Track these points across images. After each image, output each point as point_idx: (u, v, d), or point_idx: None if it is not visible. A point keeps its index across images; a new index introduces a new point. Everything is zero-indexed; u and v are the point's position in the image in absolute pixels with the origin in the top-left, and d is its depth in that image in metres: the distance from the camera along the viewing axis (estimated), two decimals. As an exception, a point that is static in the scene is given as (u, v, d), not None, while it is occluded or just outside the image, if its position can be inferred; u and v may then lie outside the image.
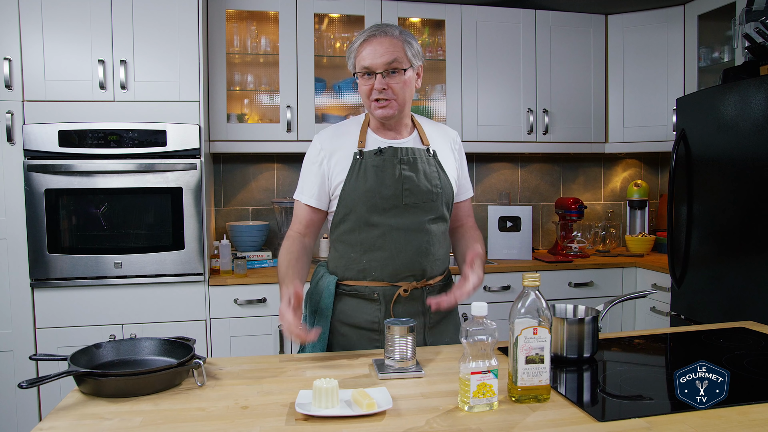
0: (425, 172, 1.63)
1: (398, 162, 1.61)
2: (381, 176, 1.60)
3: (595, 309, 1.54)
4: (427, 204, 1.63)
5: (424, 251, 1.62)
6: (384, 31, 1.58)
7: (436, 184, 1.64)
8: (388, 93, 1.58)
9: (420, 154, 1.65)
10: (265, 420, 1.13)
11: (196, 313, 2.78)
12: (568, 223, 3.50)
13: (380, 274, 1.62)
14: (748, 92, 2.44)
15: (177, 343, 1.44)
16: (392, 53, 1.56)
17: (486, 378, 1.14)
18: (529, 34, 3.40)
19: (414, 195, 1.61)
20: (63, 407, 1.19)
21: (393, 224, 1.60)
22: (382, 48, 1.56)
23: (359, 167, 1.61)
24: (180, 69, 2.74)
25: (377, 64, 1.56)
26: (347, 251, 1.65)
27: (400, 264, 1.61)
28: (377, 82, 1.57)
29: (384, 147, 1.63)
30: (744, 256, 2.47)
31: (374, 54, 1.56)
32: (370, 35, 1.58)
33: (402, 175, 1.60)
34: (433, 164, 1.67)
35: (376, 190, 1.59)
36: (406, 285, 1.62)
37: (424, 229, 1.62)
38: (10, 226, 2.63)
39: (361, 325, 1.64)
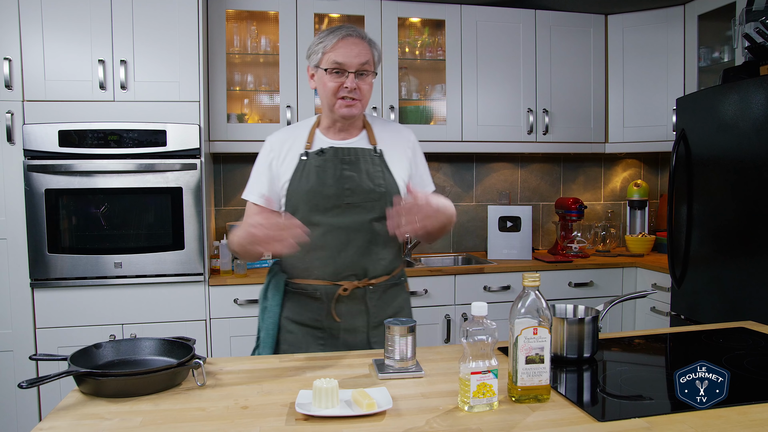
0: (368, 172, 1.65)
1: (339, 162, 1.64)
2: (322, 176, 1.63)
3: (595, 309, 1.54)
4: (370, 203, 1.64)
5: (365, 250, 1.64)
6: (359, 34, 1.63)
7: (379, 183, 1.65)
8: (357, 93, 1.61)
9: (364, 154, 1.67)
10: (265, 420, 1.13)
11: (196, 313, 2.78)
12: (568, 223, 3.50)
13: (322, 272, 1.64)
14: (748, 92, 2.44)
15: (177, 343, 1.44)
16: (365, 55, 1.61)
17: (486, 378, 1.14)
18: (529, 34, 3.40)
19: (356, 194, 1.63)
20: (63, 407, 1.19)
21: (335, 223, 1.63)
22: (357, 49, 1.60)
23: (303, 168, 1.65)
24: (180, 69, 2.74)
25: (352, 63, 1.59)
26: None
27: (341, 263, 1.63)
28: (349, 81, 1.59)
29: (326, 147, 1.66)
30: (744, 256, 2.47)
31: (350, 53, 1.59)
32: (347, 34, 1.60)
33: (343, 174, 1.63)
34: (378, 164, 1.68)
35: (318, 190, 1.62)
36: (347, 284, 1.63)
37: (366, 228, 1.64)
38: (10, 226, 2.63)
39: (307, 323, 1.67)
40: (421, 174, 1.79)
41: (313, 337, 1.67)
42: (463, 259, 3.55)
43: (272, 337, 1.68)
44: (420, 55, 3.41)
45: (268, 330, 1.69)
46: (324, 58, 1.61)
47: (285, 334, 1.69)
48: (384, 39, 3.21)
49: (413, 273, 3.00)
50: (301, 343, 1.67)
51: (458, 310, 3.06)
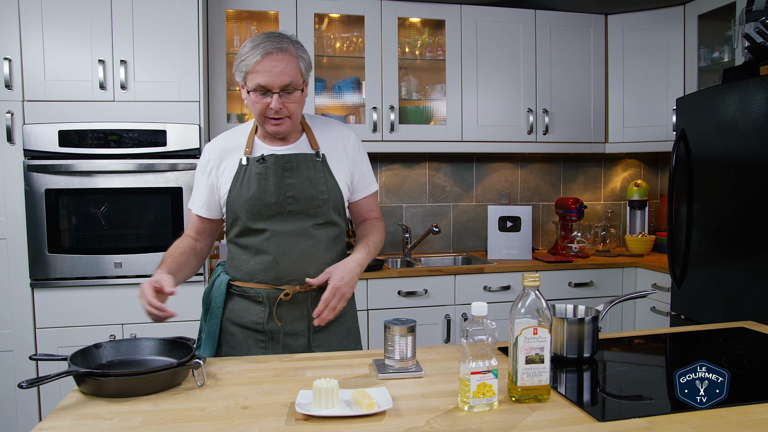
0: (310, 178, 1.63)
1: (281, 169, 1.61)
2: (263, 184, 1.60)
3: (595, 309, 1.54)
4: (313, 210, 1.63)
5: (307, 255, 1.62)
6: (280, 47, 1.52)
7: (322, 189, 1.63)
8: (284, 112, 1.56)
9: (305, 160, 1.64)
10: (265, 420, 1.13)
11: (196, 313, 2.76)
12: (568, 223, 3.50)
13: (265, 276, 1.63)
14: (748, 92, 2.44)
15: (177, 343, 1.44)
16: (289, 74, 1.52)
17: (486, 378, 1.14)
18: (529, 34, 3.40)
19: (298, 202, 1.61)
20: (63, 407, 1.19)
21: (277, 229, 1.61)
22: (279, 67, 1.51)
23: (243, 175, 1.62)
24: (180, 69, 2.74)
25: (274, 83, 1.52)
26: (239, 253, 1.67)
27: (284, 268, 1.62)
28: (274, 102, 1.53)
29: (267, 155, 1.62)
30: (744, 256, 2.47)
31: (271, 73, 1.51)
32: (267, 52, 1.50)
33: (285, 182, 1.60)
34: (320, 169, 1.65)
35: (259, 198, 1.60)
36: (289, 288, 1.62)
37: (308, 234, 1.63)
38: (10, 226, 2.63)
39: (248, 326, 1.66)
40: (363, 174, 1.75)
41: (254, 340, 1.66)
42: (463, 259, 3.55)
43: (214, 339, 1.69)
44: (420, 55, 3.41)
45: (210, 332, 1.69)
46: (247, 78, 1.55)
47: (226, 335, 1.69)
48: (384, 39, 3.21)
49: (413, 273, 3.00)
50: (242, 345, 1.67)
51: (458, 310, 3.06)
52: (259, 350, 1.65)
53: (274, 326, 1.64)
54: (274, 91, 1.53)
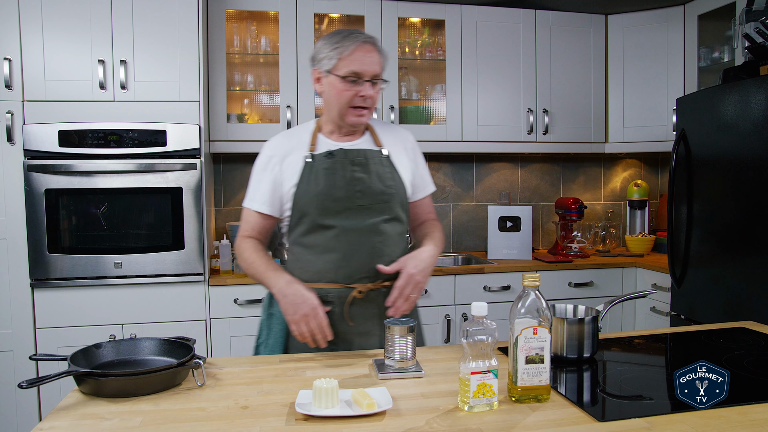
0: (378, 173, 1.63)
1: (349, 164, 1.61)
2: (332, 179, 1.59)
3: (595, 309, 1.54)
4: (381, 205, 1.62)
5: (378, 252, 1.60)
6: (373, 42, 1.60)
7: (389, 185, 1.64)
8: (369, 102, 1.60)
9: (372, 156, 1.65)
10: (265, 420, 1.13)
11: (196, 313, 2.78)
12: (568, 223, 3.50)
13: (335, 276, 1.60)
14: (748, 92, 2.44)
15: (177, 343, 1.44)
16: (379, 64, 1.60)
17: (486, 378, 1.14)
18: (529, 34, 3.40)
19: (367, 196, 1.60)
20: (63, 407, 1.19)
21: (346, 226, 1.59)
22: (373, 57, 1.58)
23: (310, 171, 1.61)
24: (180, 69, 2.74)
25: (368, 72, 1.57)
26: (303, 254, 1.64)
27: (354, 265, 1.60)
28: (365, 90, 1.57)
29: (334, 150, 1.63)
30: (744, 256, 2.47)
31: (364, 62, 1.56)
32: (364, 42, 1.57)
33: (353, 177, 1.60)
34: (387, 165, 1.66)
35: (328, 193, 1.58)
36: (361, 287, 1.59)
37: (377, 230, 1.61)
38: (10, 226, 2.63)
39: None
40: (422, 174, 1.78)
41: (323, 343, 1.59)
42: (463, 259, 3.55)
43: (281, 344, 1.64)
44: (420, 55, 3.41)
45: (277, 337, 1.64)
46: (340, 64, 1.56)
47: (294, 340, 1.61)
48: (384, 39, 3.21)
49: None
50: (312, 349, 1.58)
51: (458, 310, 3.06)
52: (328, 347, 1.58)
53: (345, 327, 1.60)
54: (366, 79, 1.57)
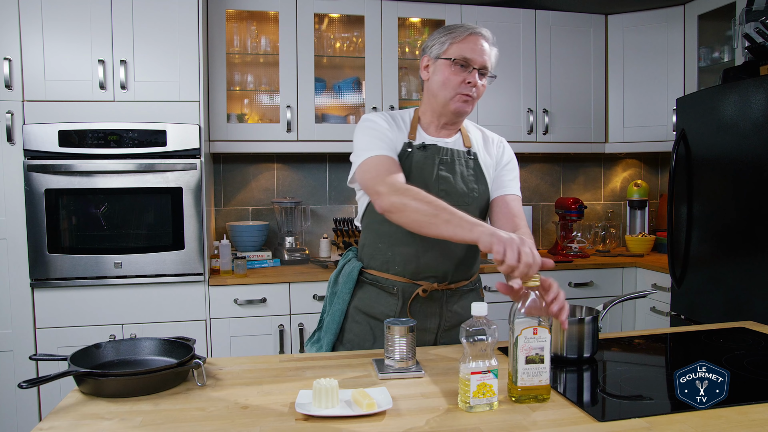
0: (462, 175, 1.62)
1: (438, 162, 1.60)
2: (420, 174, 1.58)
3: (595, 309, 1.54)
4: (461, 207, 1.47)
5: (449, 253, 1.59)
6: (487, 36, 1.60)
7: (472, 188, 1.62)
8: (475, 91, 1.59)
9: (459, 156, 1.63)
10: (265, 420, 1.13)
11: (196, 313, 2.78)
12: (568, 223, 3.50)
13: (403, 269, 1.59)
14: (748, 92, 2.44)
15: (177, 343, 1.44)
16: (489, 56, 1.60)
17: (486, 378, 1.14)
18: (529, 34, 3.40)
19: (449, 196, 1.55)
20: (63, 407, 1.19)
21: None
22: (485, 47, 1.58)
23: (405, 159, 1.58)
24: (180, 69, 2.74)
25: (479, 60, 1.57)
26: (375, 240, 1.63)
27: (424, 263, 1.59)
28: (472, 77, 1.57)
29: (429, 144, 1.61)
30: (744, 256, 2.47)
31: (479, 50, 1.57)
32: (477, 31, 1.58)
33: (439, 175, 1.59)
34: (472, 166, 1.64)
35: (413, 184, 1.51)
36: (427, 285, 1.59)
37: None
38: (10, 226, 2.63)
39: (376, 316, 1.62)
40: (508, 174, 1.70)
41: (380, 330, 1.60)
42: (463, 259, 3.54)
43: (338, 323, 1.64)
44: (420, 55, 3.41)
45: (334, 315, 1.64)
46: (451, 48, 1.57)
47: (351, 323, 1.64)
48: (384, 39, 3.21)
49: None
50: (367, 335, 1.62)
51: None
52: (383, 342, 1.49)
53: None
54: (475, 66, 1.57)
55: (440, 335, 1.66)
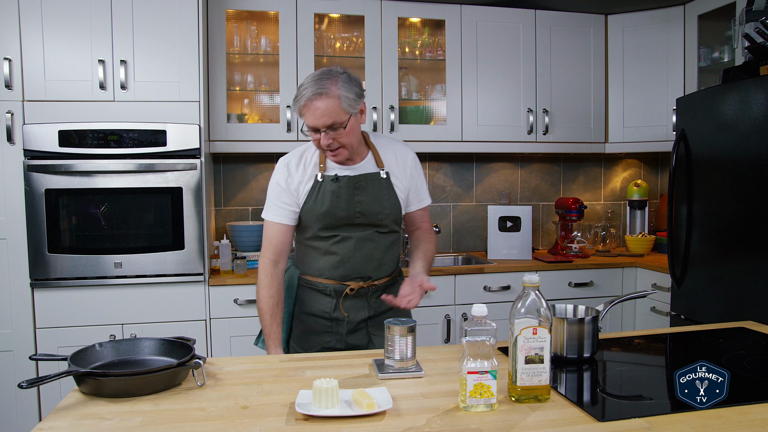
0: (376, 196, 1.83)
1: (352, 188, 1.80)
2: (336, 201, 1.79)
3: (595, 309, 1.54)
4: (377, 221, 1.84)
5: (370, 257, 1.85)
6: (320, 92, 1.66)
7: (385, 205, 1.84)
8: (334, 144, 1.72)
9: (372, 179, 1.83)
10: (265, 420, 1.13)
11: (196, 313, 2.78)
12: (568, 223, 3.50)
13: (332, 274, 1.85)
14: (748, 92, 2.44)
15: (177, 343, 1.45)
16: (330, 115, 1.67)
17: (483, 378, 1.14)
18: (529, 34, 3.40)
19: (365, 216, 1.82)
20: (63, 407, 1.19)
21: (345, 235, 1.82)
22: (320, 111, 1.66)
23: (318, 190, 1.80)
24: (180, 69, 2.74)
25: (319, 125, 1.68)
26: (308, 252, 1.89)
27: (349, 267, 1.84)
28: (323, 139, 1.70)
29: (341, 175, 1.80)
30: (744, 256, 2.47)
31: (314, 117, 1.67)
32: (308, 100, 1.66)
33: (355, 200, 1.80)
34: (385, 187, 1.84)
35: (331, 213, 1.79)
36: (354, 284, 1.85)
37: (371, 238, 1.85)
38: (10, 226, 2.63)
39: (317, 314, 1.88)
40: (418, 190, 1.95)
41: (322, 325, 1.88)
42: (463, 259, 3.55)
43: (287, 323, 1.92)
44: (420, 55, 3.41)
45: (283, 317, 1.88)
46: (301, 118, 1.72)
47: (297, 322, 1.92)
48: (384, 39, 3.21)
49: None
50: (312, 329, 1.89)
51: (458, 310, 3.06)
52: (326, 333, 1.87)
53: (339, 315, 1.86)
54: (322, 130, 1.69)
55: (371, 323, 1.90)
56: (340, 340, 1.86)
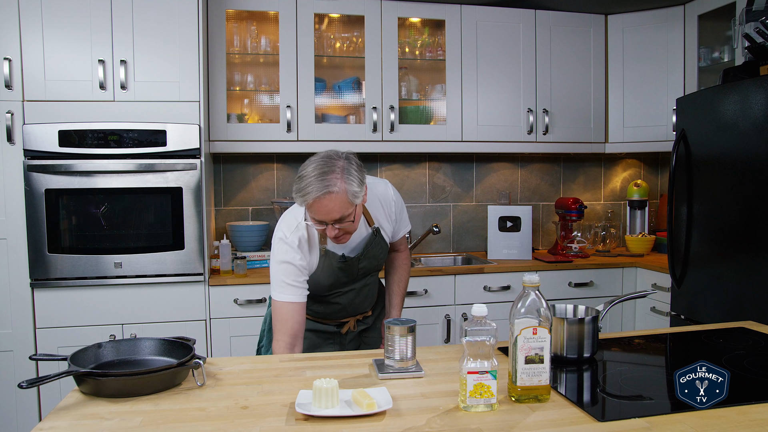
0: (375, 255, 1.90)
1: (357, 260, 1.86)
2: (345, 272, 1.86)
3: (595, 309, 1.54)
4: (374, 270, 1.96)
5: (366, 298, 1.99)
6: (327, 190, 1.60)
7: (381, 257, 1.93)
8: (339, 233, 1.71)
9: (370, 242, 1.88)
10: (265, 420, 1.13)
11: (196, 313, 2.78)
12: (568, 223, 3.50)
13: (333, 317, 1.97)
14: (748, 92, 2.44)
15: (177, 343, 1.45)
16: (339, 210, 1.64)
17: (483, 378, 1.14)
18: (529, 34, 3.40)
19: (367, 272, 1.93)
20: (63, 407, 1.19)
21: (346, 290, 1.92)
22: (329, 207, 1.63)
23: (324, 263, 1.83)
24: (180, 69, 2.74)
25: (327, 220, 1.67)
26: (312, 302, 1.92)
27: (350, 311, 1.97)
28: (330, 231, 1.69)
29: (348, 257, 1.84)
30: (744, 256, 2.47)
31: (323, 212, 1.64)
32: (317, 198, 1.60)
33: (359, 266, 1.88)
34: (378, 242, 1.90)
35: (338, 280, 1.87)
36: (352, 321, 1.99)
37: (368, 283, 1.97)
38: (10, 226, 2.63)
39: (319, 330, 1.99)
40: (400, 223, 2.01)
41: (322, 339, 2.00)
42: (463, 259, 3.55)
43: None
44: (420, 55, 3.41)
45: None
46: (307, 211, 1.69)
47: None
48: (384, 39, 3.21)
49: (413, 273, 3.00)
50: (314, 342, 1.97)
51: (458, 310, 3.06)
52: (329, 344, 1.99)
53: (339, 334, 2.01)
54: (329, 223, 1.68)
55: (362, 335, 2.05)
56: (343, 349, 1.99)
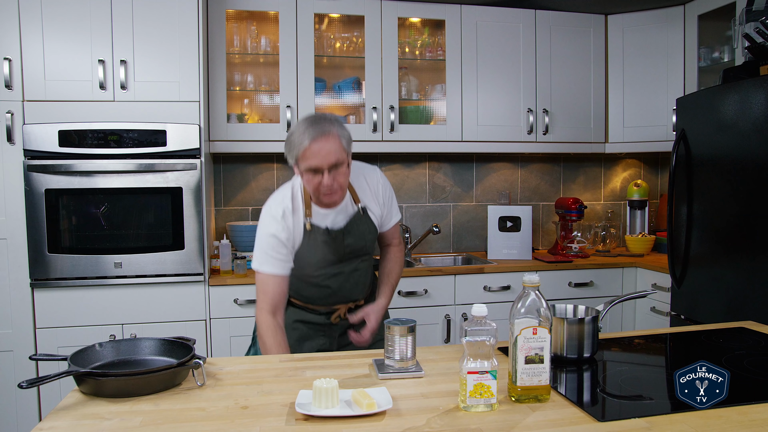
0: (361, 233, 1.90)
1: (342, 236, 1.85)
2: (328, 249, 1.85)
3: (595, 309, 1.54)
4: (362, 253, 1.93)
5: (357, 284, 1.96)
6: (324, 131, 1.66)
7: (368, 238, 1.93)
8: (335, 186, 1.72)
9: (356, 220, 1.88)
10: (265, 420, 1.13)
11: (196, 313, 2.78)
12: (568, 223, 3.50)
13: (323, 302, 1.95)
14: (748, 92, 2.44)
15: (177, 343, 1.45)
16: (335, 153, 1.67)
17: (483, 378, 1.14)
18: (529, 34, 3.40)
19: (354, 251, 1.90)
20: (63, 407, 1.19)
21: (336, 271, 1.90)
22: (326, 149, 1.66)
23: (310, 238, 1.83)
24: (180, 69, 2.74)
25: (323, 164, 1.67)
26: (297, 282, 1.93)
27: (340, 297, 1.95)
28: (326, 179, 1.69)
29: (331, 228, 1.84)
30: (744, 256, 2.47)
31: (320, 156, 1.66)
32: (314, 138, 1.65)
33: (345, 243, 1.87)
34: (365, 221, 1.90)
35: (324, 259, 1.86)
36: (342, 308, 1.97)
37: (358, 268, 1.95)
38: (10, 226, 2.63)
39: (309, 321, 1.98)
40: (389, 210, 2.01)
41: (314, 330, 1.98)
42: (463, 259, 3.55)
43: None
44: (420, 55, 3.41)
45: None
46: (300, 162, 1.70)
47: (290, 330, 1.94)
48: (384, 39, 3.21)
49: (413, 273, 3.00)
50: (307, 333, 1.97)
51: (458, 310, 3.06)
52: (320, 336, 1.98)
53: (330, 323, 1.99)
54: (325, 169, 1.68)
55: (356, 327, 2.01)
56: (333, 342, 1.99)
